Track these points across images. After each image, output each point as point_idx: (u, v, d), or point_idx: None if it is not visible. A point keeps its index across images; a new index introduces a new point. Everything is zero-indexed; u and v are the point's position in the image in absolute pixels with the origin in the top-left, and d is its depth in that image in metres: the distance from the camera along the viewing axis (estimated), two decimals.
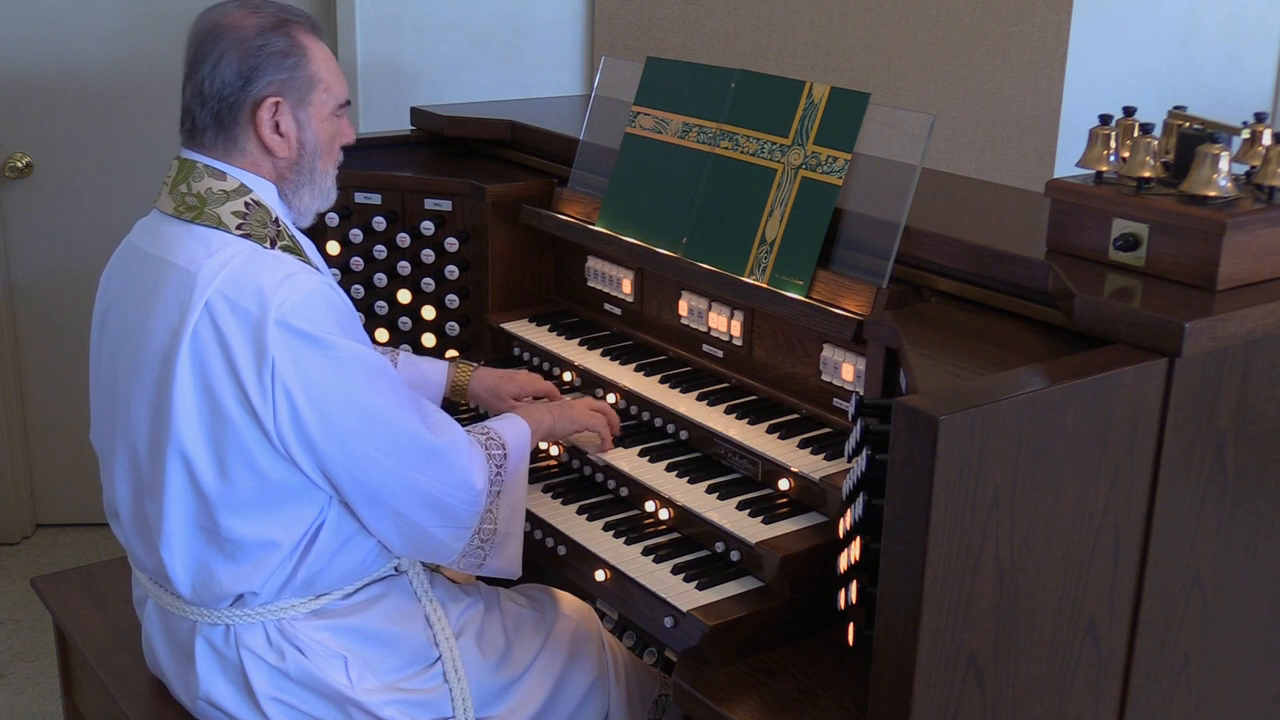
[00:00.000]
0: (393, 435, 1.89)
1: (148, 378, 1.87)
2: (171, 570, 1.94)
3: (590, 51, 3.86)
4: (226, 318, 1.81)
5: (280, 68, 1.91)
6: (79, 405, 3.89)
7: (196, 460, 1.85)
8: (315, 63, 1.96)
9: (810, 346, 2.32)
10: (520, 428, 2.16)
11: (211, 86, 1.90)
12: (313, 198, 2.02)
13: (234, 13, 1.93)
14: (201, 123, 1.92)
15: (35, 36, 3.63)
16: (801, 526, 2.09)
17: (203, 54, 1.90)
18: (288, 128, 1.94)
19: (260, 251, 1.87)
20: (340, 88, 2.01)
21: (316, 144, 1.98)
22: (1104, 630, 1.78)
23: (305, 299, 1.82)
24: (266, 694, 1.96)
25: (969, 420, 1.52)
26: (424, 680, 2.05)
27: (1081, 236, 1.98)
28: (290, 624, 1.97)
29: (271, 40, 1.91)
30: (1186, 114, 2.06)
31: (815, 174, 2.27)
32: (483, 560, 2.07)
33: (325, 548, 1.95)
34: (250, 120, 1.92)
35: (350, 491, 1.90)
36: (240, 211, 1.90)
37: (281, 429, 1.83)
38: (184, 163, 1.95)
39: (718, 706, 1.84)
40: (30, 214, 3.76)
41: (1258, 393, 1.84)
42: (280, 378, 1.80)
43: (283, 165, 1.96)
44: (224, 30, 1.90)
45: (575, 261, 2.85)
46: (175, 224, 1.91)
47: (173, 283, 1.86)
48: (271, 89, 1.91)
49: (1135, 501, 1.75)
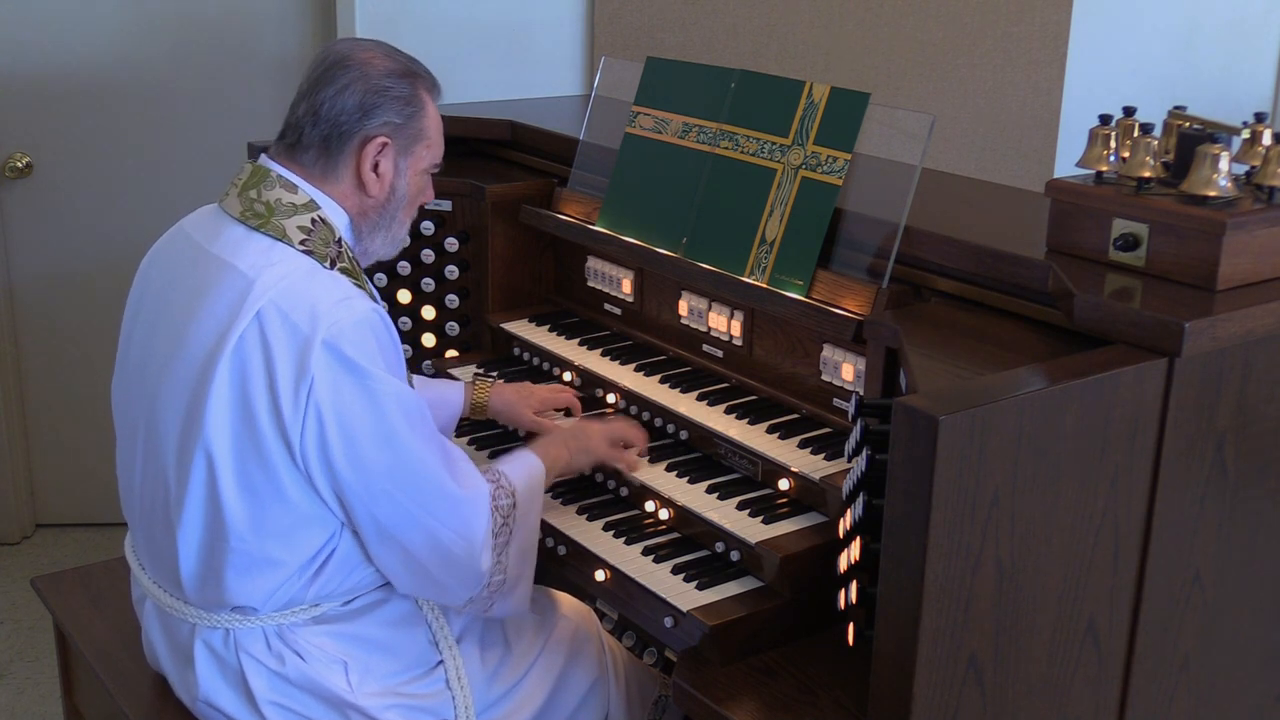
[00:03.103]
0: (416, 478, 1.88)
1: (186, 373, 1.86)
2: (183, 566, 1.93)
3: (590, 51, 3.86)
4: (276, 329, 1.81)
5: (398, 113, 1.97)
6: (79, 405, 3.93)
7: (221, 464, 1.84)
8: (427, 119, 2.02)
9: (810, 346, 2.32)
10: (534, 468, 2.11)
11: (330, 110, 1.94)
12: (384, 244, 2.06)
13: (370, 50, 1.99)
14: (308, 141, 1.95)
15: (35, 36, 3.63)
16: (801, 526, 2.09)
17: (328, 78, 1.95)
18: (386, 170, 1.98)
19: (319, 270, 1.88)
20: (439, 150, 2.08)
21: (405, 193, 2.03)
22: (1104, 630, 1.78)
23: (355, 325, 1.83)
24: (266, 698, 1.96)
25: (969, 420, 1.52)
26: (425, 685, 2.04)
27: (1081, 236, 1.98)
28: (290, 629, 1.96)
29: (397, 85, 1.97)
30: (1186, 114, 2.06)
31: (815, 174, 2.27)
32: (490, 606, 2.04)
33: (337, 571, 1.95)
34: (356, 153, 1.96)
35: (364, 524, 1.89)
36: (306, 227, 1.91)
37: (306, 449, 1.82)
38: (258, 168, 1.97)
39: (718, 706, 1.84)
40: (30, 214, 3.76)
41: (1258, 393, 1.84)
42: (315, 399, 1.80)
43: (369, 204, 2.00)
44: (355, 63, 1.96)
45: (575, 261, 2.85)
46: (238, 227, 1.92)
47: (226, 284, 1.86)
48: (385, 130, 1.96)
49: (1135, 502, 1.75)
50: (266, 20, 3.72)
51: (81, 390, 3.92)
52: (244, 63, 3.73)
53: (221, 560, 1.90)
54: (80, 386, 3.92)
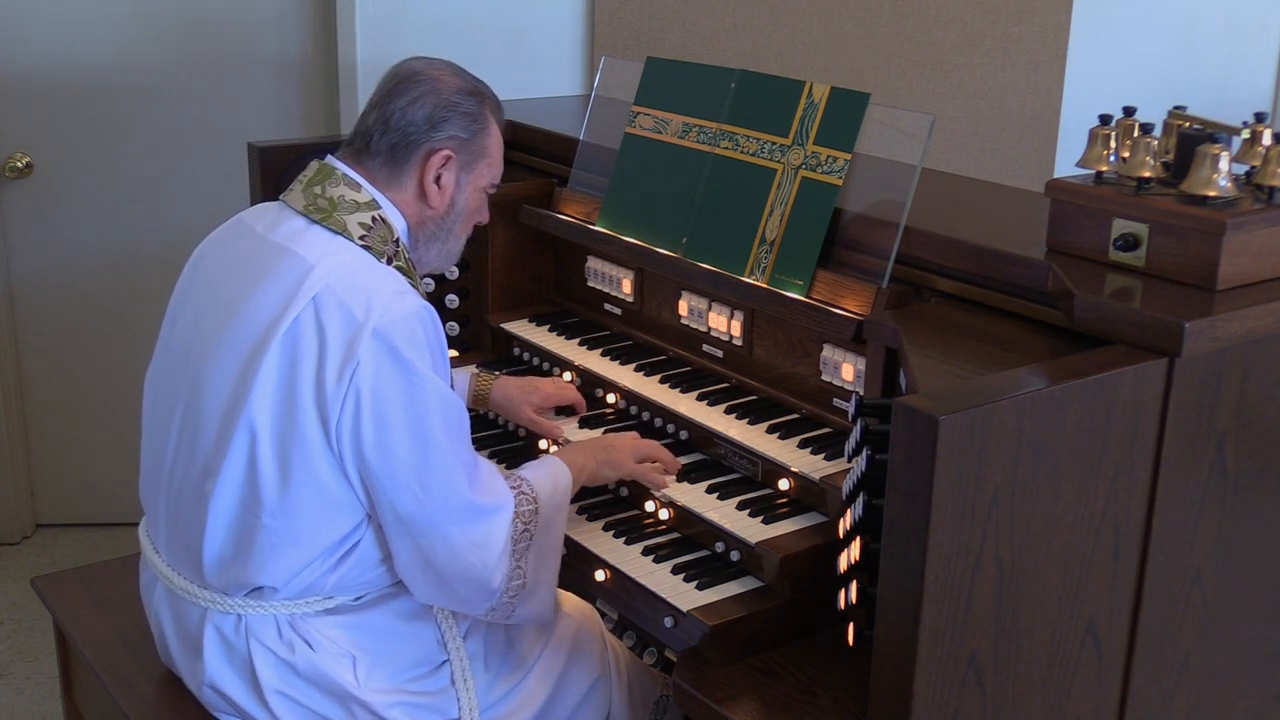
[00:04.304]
0: (440, 479, 1.89)
1: (237, 350, 1.90)
2: (208, 544, 1.94)
3: (590, 51, 3.86)
4: (331, 314, 1.85)
5: (464, 129, 2.05)
6: (79, 405, 3.93)
7: (261, 437, 1.88)
8: (490, 138, 2.10)
9: (810, 346, 2.32)
10: (559, 473, 2.11)
11: (400, 120, 2.01)
12: (439, 256, 2.12)
13: (441, 68, 2.07)
14: (376, 148, 2.02)
15: (35, 36, 3.63)
16: (801, 526, 2.09)
17: (400, 90, 2.02)
18: (448, 182, 2.05)
19: (377, 264, 1.94)
20: (499, 170, 2.16)
21: (464, 208, 2.10)
22: (1104, 630, 1.78)
23: (407, 318, 1.87)
24: (273, 687, 1.96)
25: (969, 420, 1.52)
26: (430, 683, 2.04)
27: (1081, 236, 1.98)
28: (303, 619, 1.97)
29: (465, 102, 2.05)
30: (1186, 114, 2.06)
31: (815, 174, 2.27)
32: (511, 613, 2.03)
33: (359, 565, 1.96)
34: (421, 163, 2.02)
35: (385, 515, 1.90)
36: (366, 224, 1.96)
37: (341, 429, 1.85)
38: (324, 166, 2.02)
39: (718, 706, 1.84)
40: (30, 214, 3.76)
41: (1258, 393, 1.84)
42: (357, 381, 1.83)
43: (429, 215, 2.06)
44: (427, 79, 2.04)
45: (575, 261, 2.85)
46: (301, 220, 1.97)
47: (285, 267, 1.90)
48: (451, 143, 2.03)
49: (1135, 501, 1.75)
50: (267, 21, 3.71)
51: (81, 390, 3.92)
52: (244, 63, 3.73)
53: (251, 536, 1.92)
54: (80, 387, 3.92)
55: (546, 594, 2.07)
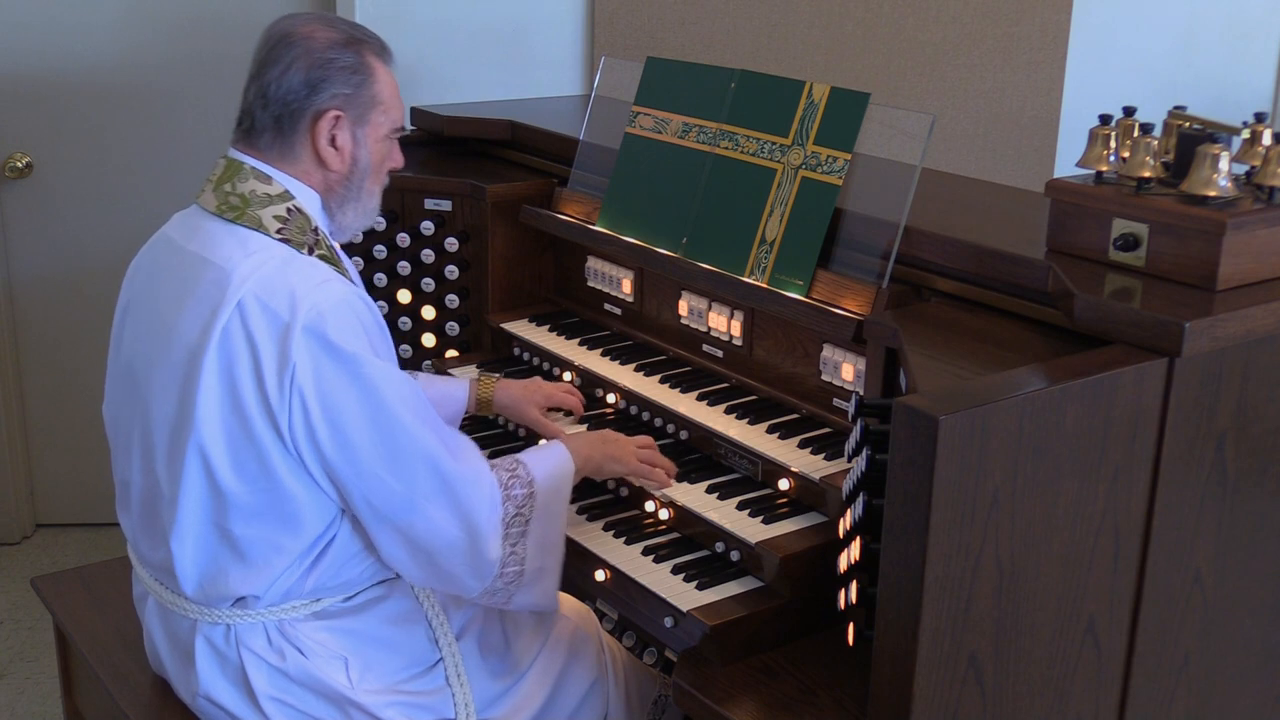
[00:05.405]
0: (406, 458, 1.87)
1: (174, 370, 1.87)
2: (179, 565, 1.93)
3: (590, 51, 3.86)
4: (257, 318, 1.82)
5: (346, 83, 1.95)
6: (79, 405, 3.93)
7: (214, 457, 1.85)
8: (379, 84, 1.99)
9: (810, 346, 2.32)
10: (560, 458, 2.09)
11: (277, 91, 1.93)
12: (356, 215, 2.05)
13: (309, 24, 1.97)
14: (261, 124, 1.95)
15: (35, 36, 3.63)
16: (801, 526, 2.09)
17: (273, 58, 1.94)
18: (343, 142, 1.97)
19: (296, 256, 1.89)
20: (398, 113, 2.05)
21: (369, 163, 2.01)
22: (1104, 630, 1.78)
23: (334, 307, 1.83)
24: (267, 694, 1.96)
25: (969, 420, 1.52)
26: (425, 682, 2.04)
27: (1081, 236, 1.98)
28: (291, 625, 1.97)
29: (341, 55, 1.95)
30: (1186, 114, 2.06)
31: (815, 174, 2.27)
32: (509, 599, 2.02)
33: (335, 560, 1.95)
34: (309, 130, 1.95)
35: (360, 507, 1.89)
36: (281, 216, 1.92)
37: (295, 434, 1.83)
38: (231, 162, 1.97)
39: (718, 706, 1.84)
40: (30, 214, 3.76)
41: (1258, 393, 1.84)
42: (298, 384, 1.81)
43: (333, 179, 1.99)
44: (296, 39, 1.94)
45: (575, 261, 2.85)
46: (216, 221, 1.93)
47: (207, 280, 1.87)
48: (335, 102, 1.95)
49: (1135, 501, 1.75)
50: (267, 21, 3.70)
51: (81, 390, 3.92)
52: (244, 64, 3.71)
53: (224, 550, 1.91)
54: (80, 386, 3.92)
55: (549, 583, 2.06)
